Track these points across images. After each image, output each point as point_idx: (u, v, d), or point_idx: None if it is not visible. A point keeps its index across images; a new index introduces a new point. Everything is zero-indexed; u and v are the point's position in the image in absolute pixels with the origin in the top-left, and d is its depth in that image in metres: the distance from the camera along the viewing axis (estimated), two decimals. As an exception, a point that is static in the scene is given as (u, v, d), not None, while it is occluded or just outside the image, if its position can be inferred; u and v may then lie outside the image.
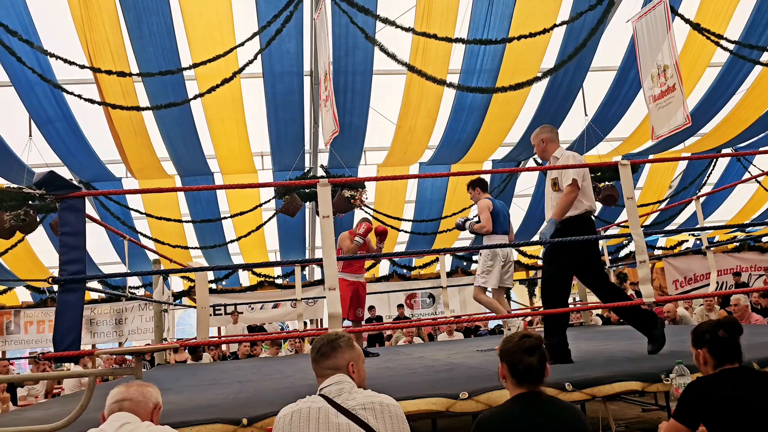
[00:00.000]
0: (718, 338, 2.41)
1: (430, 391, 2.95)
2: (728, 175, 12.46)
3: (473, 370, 3.94)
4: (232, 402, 3.34)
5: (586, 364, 3.68)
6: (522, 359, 2.09)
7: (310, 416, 1.94)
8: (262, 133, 9.61)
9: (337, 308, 3.43)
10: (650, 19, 7.28)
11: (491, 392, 2.87)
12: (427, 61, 8.16)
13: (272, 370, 5.64)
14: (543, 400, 2.10)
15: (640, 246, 4.05)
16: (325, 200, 3.61)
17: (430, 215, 11.98)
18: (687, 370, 2.92)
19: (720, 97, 10.04)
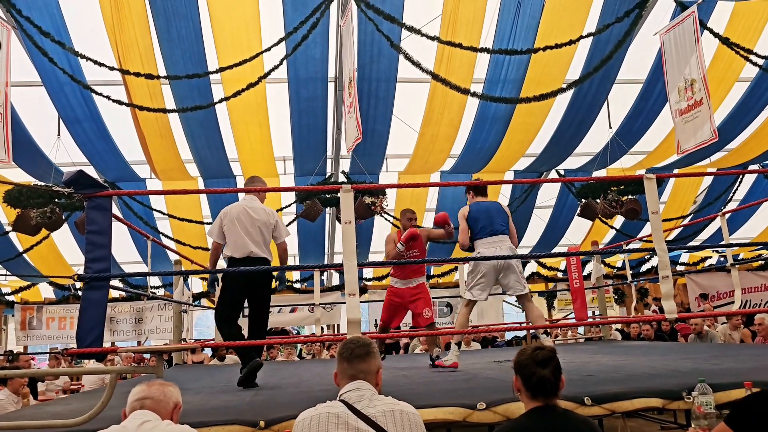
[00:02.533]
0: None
1: (447, 401, 2.94)
2: (755, 191, 12.25)
3: (490, 381, 3.92)
4: (250, 404, 3.36)
5: (606, 379, 3.64)
6: (535, 372, 2.07)
7: (329, 421, 1.94)
8: (285, 138, 9.68)
9: (356, 314, 3.43)
10: (678, 33, 7.22)
11: (509, 404, 2.85)
12: (451, 70, 8.17)
13: (289, 374, 5.66)
14: (558, 414, 2.09)
15: (664, 261, 4.01)
16: (347, 206, 3.63)
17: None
18: (709, 389, 2.88)
19: (748, 113, 9.90)
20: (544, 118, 9.58)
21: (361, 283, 13.08)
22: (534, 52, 7.71)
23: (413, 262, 5.22)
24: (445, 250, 12.34)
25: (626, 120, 9.90)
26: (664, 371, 3.93)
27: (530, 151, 10.52)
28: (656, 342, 8.75)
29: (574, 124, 9.72)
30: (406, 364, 6.16)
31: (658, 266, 4.17)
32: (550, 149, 10.41)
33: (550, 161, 10.93)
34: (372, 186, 7.78)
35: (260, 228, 4.56)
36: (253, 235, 4.54)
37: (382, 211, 9.67)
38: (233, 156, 9.92)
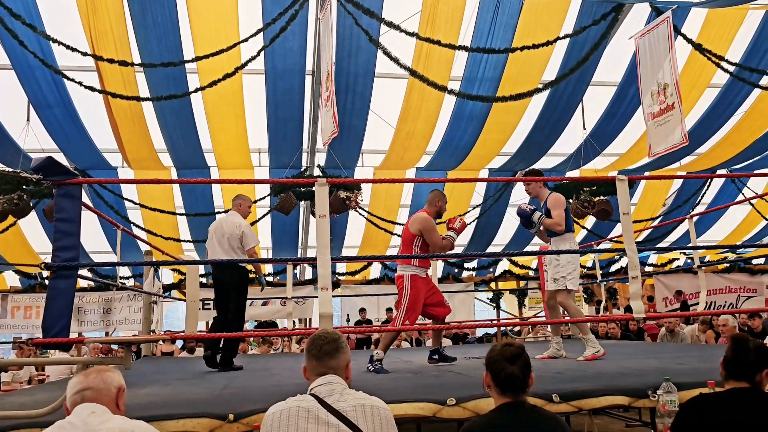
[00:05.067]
0: (726, 354, 2.43)
1: (417, 396, 2.96)
2: (722, 195, 12.52)
3: (461, 377, 3.95)
4: (219, 397, 3.33)
5: (574, 377, 3.69)
6: (504, 368, 2.10)
7: (299, 415, 1.93)
8: (260, 130, 9.61)
9: (329, 308, 3.43)
10: (653, 37, 7.33)
11: (479, 400, 2.88)
12: (429, 66, 8.18)
13: (260, 367, 5.63)
14: (526, 410, 2.11)
15: (633, 262, 4.07)
16: (322, 200, 3.62)
17: (424, 220, 11.98)
18: (674, 387, 2.94)
19: (718, 118, 10.11)
20: (519, 118, 9.66)
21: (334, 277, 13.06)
22: (512, 51, 7.77)
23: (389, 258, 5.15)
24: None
25: (600, 122, 10.03)
26: (630, 370, 4.00)
27: (505, 149, 10.61)
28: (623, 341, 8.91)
29: (549, 124, 9.82)
30: (378, 359, 6.16)
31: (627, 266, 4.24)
32: (524, 148, 10.50)
33: (525, 160, 11.02)
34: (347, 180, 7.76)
35: (228, 239, 5.39)
36: (223, 245, 5.41)
37: (356, 206, 9.66)
38: (208, 147, 9.81)
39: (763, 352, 2.40)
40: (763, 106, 9.87)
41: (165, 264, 9.68)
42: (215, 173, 10.60)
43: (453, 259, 13.32)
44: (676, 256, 14.35)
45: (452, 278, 13.32)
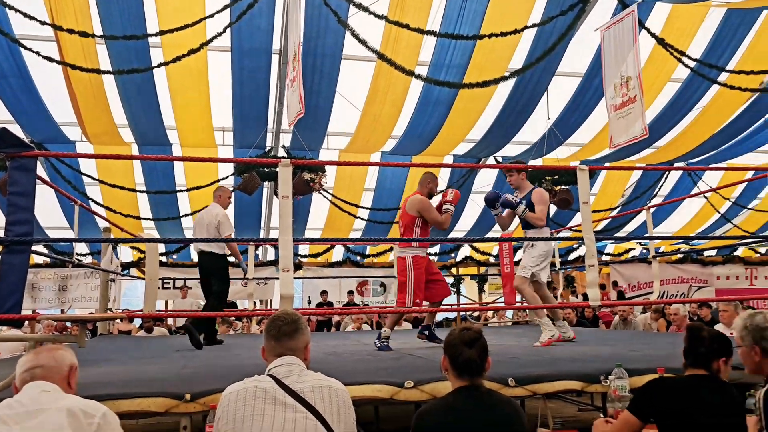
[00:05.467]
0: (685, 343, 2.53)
1: (376, 378, 2.99)
2: (678, 188, 12.87)
3: (420, 360, 4.00)
4: (177, 376, 3.31)
5: (530, 362, 3.77)
6: (462, 352, 2.13)
7: (256, 396, 1.93)
8: (225, 108, 9.46)
9: (290, 290, 3.42)
10: (618, 30, 7.43)
11: (436, 383, 2.92)
12: (397, 50, 8.16)
13: (219, 347, 5.60)
14: (482, 393, 2.15)
15: (591, 250, 4.16)
16: (285, 180, 3.59)
17: (387, 204, 12.01)
18: (625, 373, 3.03)
19: (677, 113, 10.35)
20: (485, 105, 9.73)
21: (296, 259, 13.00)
22: (479, 38, 7.79)
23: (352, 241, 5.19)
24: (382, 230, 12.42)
25: (564, 112, 10.17)
26: (584, 356, 4.11)
27: (470, 136, 10.68)
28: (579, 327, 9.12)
29: (514, 112, 9.91)
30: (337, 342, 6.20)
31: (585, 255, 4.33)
32: (489, 136, 10.59)
33: (489, 148, 11.13)
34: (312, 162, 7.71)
35: (206, 228, 5.81)
36: (203, 235, 5.85)
37: (321, 188, 9.62)
38: (170, 123, 9.62)
39: (717, 341, 2.49)
40: (720, 103, 10.14)
41: (123, 241, 9.51)
42: (177, 151, 10.41)
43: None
44: (632, 246, 14.70)
45: (414, 263, 13.37)
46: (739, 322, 2.59)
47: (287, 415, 1.90)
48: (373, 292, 13.59)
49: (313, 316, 11.51)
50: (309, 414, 1.92)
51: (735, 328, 2.68)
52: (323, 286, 12.27)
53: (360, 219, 12.17)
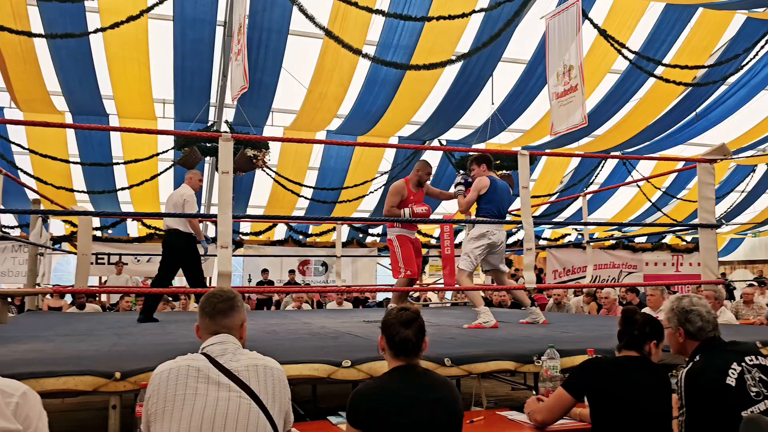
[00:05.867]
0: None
1: (313, 357, 2.98)
2: (613, 177, 13.31)
3: (358, 340, 4.01)
4: (107, 355, 3.21)
5: (466, 342, 3.85)
6: (399, 332, 2.14)
7: (188, 374, 1.88)
8: (166, 80, 9.15)
9: (227, 267, 3.36)
10: (562, 19, 7.56)
11: (374, 362, 2.94)
12: (345, 28, 8.06)
13: (154, 325, 5.47)
14: (418, 373, 2.18)
15: (529, 234, 4.26)
16: (226, 156, 3.52)
17: (331, 184, 11.97)
18: (557, 354, 3.13)
19: (615, 103, 10.66)
20: (431, 88, 9.76)
21: (237, 236, 12.81)
22: (428, 20, 7.78)
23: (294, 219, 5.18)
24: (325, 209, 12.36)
25: (508, 98, 10.32)
26: (519, 337, 4.21)
27: (416, 118, 10.71)
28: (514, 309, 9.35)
29: (459, 96, 9.99)
30: (277, 321, 6.16)
31: (523, 239, 4.43)
32: (434, 119, 10.64)
33: (434, 130, 11.19)
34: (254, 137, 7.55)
35: (173, 206, 5.93)
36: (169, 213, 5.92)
37: (264, 165, 9.47)
38: (107, 93, 9.25)
39: (650, 324, 2.61)
40: (655, 96, 10.50)
41: (53, 213, 9.11)
42: (115, 122, 10.03)
43: (358, 224, 13.42)
44: (568, 232, 15.15)
45: (356, 243, 13.43)
46: (667, 305, 2.71)
47: (220, 394, 1.87)
48: (314, 272, 13.57)
49: (253, 294, 11.39)
50: (243, 393, 1.89)
51: (663, 310, 2.80)
52: (264, 265, 12.16)
53: (303, 198, 12.08)
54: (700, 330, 2.54)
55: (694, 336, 2.56)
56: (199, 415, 1.83)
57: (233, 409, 1.86)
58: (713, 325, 2.56)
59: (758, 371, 2.43)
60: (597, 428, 2.48)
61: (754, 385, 2.38)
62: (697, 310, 2.56)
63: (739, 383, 2.36)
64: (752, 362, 2.45)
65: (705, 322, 2.55)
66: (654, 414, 2.44)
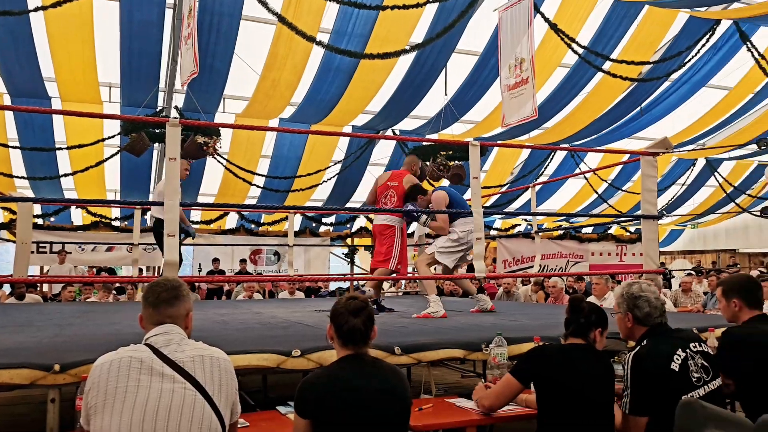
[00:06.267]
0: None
1: (262, 347, 2.95)
2: (562, 168, 13.61)
3: (309, 329, 4.00)
4: (47, 346, 3.10)
5: (417, 331, 3.88)
6: (347, 320, 2.14)
7: (131, 366, 1.83)
8: (113, 63, 8.86)
9: (174, 255, 3.29)
10: (515, 12, 7.64)
11: (323, 351, 2.93)
12: (299, 15, 7.96)
13: (97, 316, 5.32)
14: (366, 362, 2.18)
15: (479, 224, 4.31)
16: (173, 141, 3.43)
17: (284, 172, 11.84)
18: (505, 342, 3.19)
19: (565, 96, 10.88)
20: (386, 77, 9.75)
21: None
22: (382, 9, 7.77)
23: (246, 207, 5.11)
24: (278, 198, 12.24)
25: (461, 89, 10.40)
26: (468, 325, 4.27)
27: (369, 108, 10.69)
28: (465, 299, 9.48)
29: (413, 86, 10.01)
30: (227, 310, 6.08)
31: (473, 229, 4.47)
32: (388, 108, 10.64)
33: (388, 120, 11.20)
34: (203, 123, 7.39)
35: (158, 196, 6.02)
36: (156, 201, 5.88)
37: (215, 153, 9.29)
38: (49, 75, 8.90)
39: (595, 312, 2.68)
40: (603, 90, 10.76)
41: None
42: (57, 105, 9.66)
43: (311, 213, 13.34)
44: (518, 222, 15.42)
45: (309, 232, 13.34)
46: (618, 291, 2.79)
47: (164, 386, 1.82)
48: (266, 261, 13.43)
49: (203, 283, 11.21)
50: (188, 384, 1.85)
51: (614, 296, 2.89)
52: (215, 254, 11.96)
53: (256, 186, 11.92)
54: (647, 315, 2.63)
55: (641, 321, 2.64)
56: (142, 407, 1.78)
57: (177, 401, 1.82)
58: (660, 311, 2.65)
59: (701, 358, 2.53)
60: (543, 414, 2.54)
61: (696, 371, 2.48)
62: (646, 296, 2.65)
63: (682, 368, 2.45)
64: (696, 349, 2.55)
65: (652, 308, 2.63)
66: (598, 402, 2.51)
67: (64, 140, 10.21)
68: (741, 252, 18.49)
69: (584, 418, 2.46)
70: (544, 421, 2.53)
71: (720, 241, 18.73)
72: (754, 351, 2.66)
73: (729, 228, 18.21)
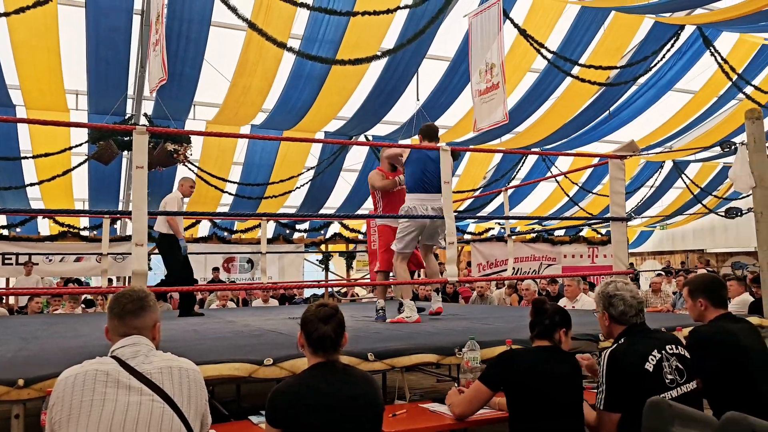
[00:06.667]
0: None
1: (234, 356, 2.91)
2: (534, 172, 13.75)
3: (282, 337, 3.96)
4: (10, 361, 3.03)
5: (390, 336, 3.87)
6: (317, 328, 2.13)
7: (96, 379, 1.79)
8: (79, 70, 8.71)
9: (143, 265, 3.24)
10: (485, 18, 7.72)
11: (296, 359, 2.90)
12: (269, 21, 7.93)
13: (64, 328, 5.21)
14: (337, 369, 2.17)
15: (451, 229, 4.32)
16: (140, 149, 3.38)
17: (257, 179, 11.76)
18: (477, 345, 3.20)
19: (534, 101, 11.00)
20: (357, 83, 9.76)
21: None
22: (352, 15, 7.77)
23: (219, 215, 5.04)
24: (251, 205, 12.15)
25: (432, 94, 10.45)
26: (442, 330, 4.28)
27: (342, 114, 10.68)
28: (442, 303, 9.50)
29: (385, 92, 10.03)
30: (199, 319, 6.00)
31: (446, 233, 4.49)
32: (360, 114, 10.65)
33: (360, 126, 11.20)
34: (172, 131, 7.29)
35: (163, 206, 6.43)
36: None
37: (185, 160, 9.19)
38: (13, 83, 8.72)
39: (559, 313, 2.70)
40: (572, 95, 10.91)
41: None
42: (22, 113, 9.45)
43: (285, 220, 13.27)
44: (492, 226, 15.53)
45: (283, 239, 13.27)
46: (596, 290, 2.82)
47: (131, 399, 1.79)
48: (240, 269, 13.32)
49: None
50: (156, 396, 1.82)
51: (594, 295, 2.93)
52: (186, 262, 11.80)
53: (228, 194, 11.81)
54: (622, 314, 2.66)
55: (617, 320, 2.67)
56: (108, 421, 1.75)
57: (145, 413, 1.79)
58: (636, 309, 2.68)
59: (676, 360, 2.56)
60: (513, 417, 2.56)
61: (671, 372, 2.51)
62: (621, 294, 2.68)
63: (656, 369, 2.48)
64: (672, 351, 2.58)
65: (627, 307, 2.66)
66: (567, 403, 2.53)
67: (29, 149, 10.01)
68: (708, 252, 18.87)
69: (554, 419, 2.48)
70: (515, 425, 2.55)
71: (688, 242, 19.10)
72: (719, 350, 2.71)
73: (696, 228, 18.59)
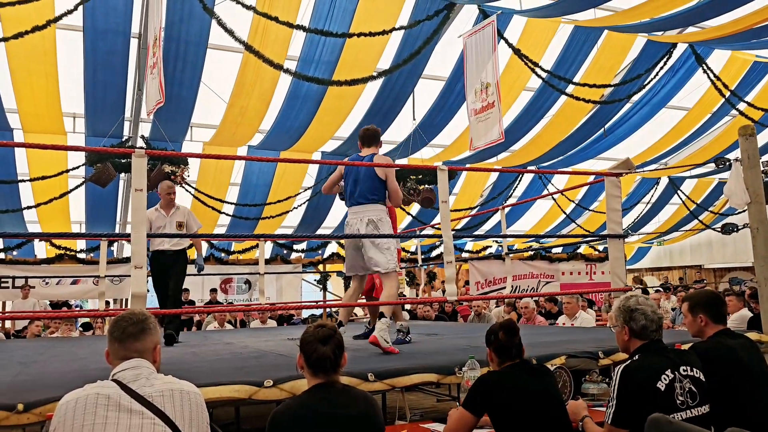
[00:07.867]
0: (499, 339, 2.68)
1: (234, 378, 2.90)
2: (530, 190, 13.79)
3: (281, 358, 3.95)
4: (9, 385, 3.01)
5: (391, 357, 3.86)
6: (316, 349, 2.13)
7: (97, 403, 1.79)
8: (77, 93, 8.76)
9: (142, 288, 3.23)
10: (479, 38, 7.81)
11: (296, 380, 2.89)
12: (265, 43, 8.00)
13: (63, 352, 5.18)
14: (338, 390, 2.16)
15: (448, 247, 4.33)
16: (139, 172, 3.40)
17: (254, 200, 11.77)
18: (477, 364, 3.19)
19: (530, 119, 11.08)
20: (354, 103, 9.82)
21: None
22: (349, 36, 7.85)
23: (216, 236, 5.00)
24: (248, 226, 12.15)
25: (428, 114, 10.52)
26: (441, 349, 4.27)
27: (339, 134, 10.73)
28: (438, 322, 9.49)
29: (381, 112, 10.09)
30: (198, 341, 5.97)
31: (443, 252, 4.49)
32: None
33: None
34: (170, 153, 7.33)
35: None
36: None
37: (183, 182, 9.20)
38: (11, 107, 8.75)
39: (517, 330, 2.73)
40: (567, 113, 10.99)
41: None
42: (20, 137, 9.48)
43: (282, 240, 13.26)
44: (489, 244, 15.54)
45: (280, 259, 13.26)
46: (615, 304, 2.79)
47: (132, 422, 1.78)
48: (237, 290, 13.29)
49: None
50: (157, 419, 1.82)
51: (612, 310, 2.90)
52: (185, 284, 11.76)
53: (225, 214, 11.82)
54: (643, 328, 2.62)
55: (638, 335, 2.63)
56: (109, 445, 1.74)
57: (147, 436, 1.78)
58: (657, 325, 2.63)
59: (689, 382, 2.52)
60: None
61: (682, 394, 2.48)
62: (642, 309, 2.63)
63: (668, 389, 2.45)
64: (685, 372, 2.53)
65: (649, 321, 2.61)
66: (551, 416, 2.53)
67: (26, 172, 10.02)
68: (706, 267, 18.89)
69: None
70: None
71: (686, 257, 19.12)
72: (719, 366, 2.71)
73: (693, 244, 18.62)
